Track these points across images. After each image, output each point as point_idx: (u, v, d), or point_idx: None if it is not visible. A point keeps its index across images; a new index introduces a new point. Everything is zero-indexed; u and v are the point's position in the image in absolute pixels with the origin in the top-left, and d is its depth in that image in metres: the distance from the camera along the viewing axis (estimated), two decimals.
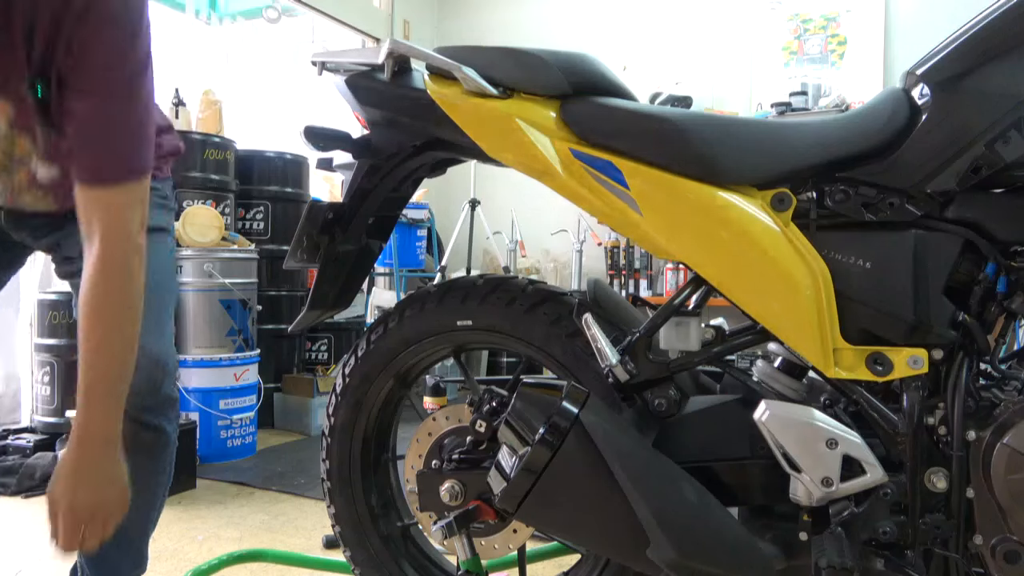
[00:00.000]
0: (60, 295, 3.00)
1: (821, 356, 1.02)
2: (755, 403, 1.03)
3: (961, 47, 0.99)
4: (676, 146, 1.06)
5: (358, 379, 1.37)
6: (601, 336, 1.11)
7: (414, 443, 1.32)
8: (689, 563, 0.95)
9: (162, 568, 1.96)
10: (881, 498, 1.01)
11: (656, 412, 1.13)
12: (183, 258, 3.19)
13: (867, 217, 1.03)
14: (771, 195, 1.05)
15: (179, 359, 3.14)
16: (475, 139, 1.13)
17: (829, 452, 0.99)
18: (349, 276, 1.35)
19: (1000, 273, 1.00)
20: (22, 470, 2.68)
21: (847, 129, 1.05)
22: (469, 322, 1.28)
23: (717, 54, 4.97)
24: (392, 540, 1.43)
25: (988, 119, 0.97)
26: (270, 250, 3.82)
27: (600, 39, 5.24)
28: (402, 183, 1.32)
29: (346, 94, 1.24)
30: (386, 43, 1.16)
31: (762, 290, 1.04)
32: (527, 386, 1.03)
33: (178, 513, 2.43)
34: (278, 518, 2.39)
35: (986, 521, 0.98)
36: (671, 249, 1.08)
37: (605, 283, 1.35)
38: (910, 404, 1.01)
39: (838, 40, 4.67)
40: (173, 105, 3.49)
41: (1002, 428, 0.96)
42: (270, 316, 3.76)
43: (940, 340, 1.00)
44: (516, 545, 1.26)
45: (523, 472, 0.98)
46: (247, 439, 3.22)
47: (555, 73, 1.11)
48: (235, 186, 3.72)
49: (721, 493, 1.06)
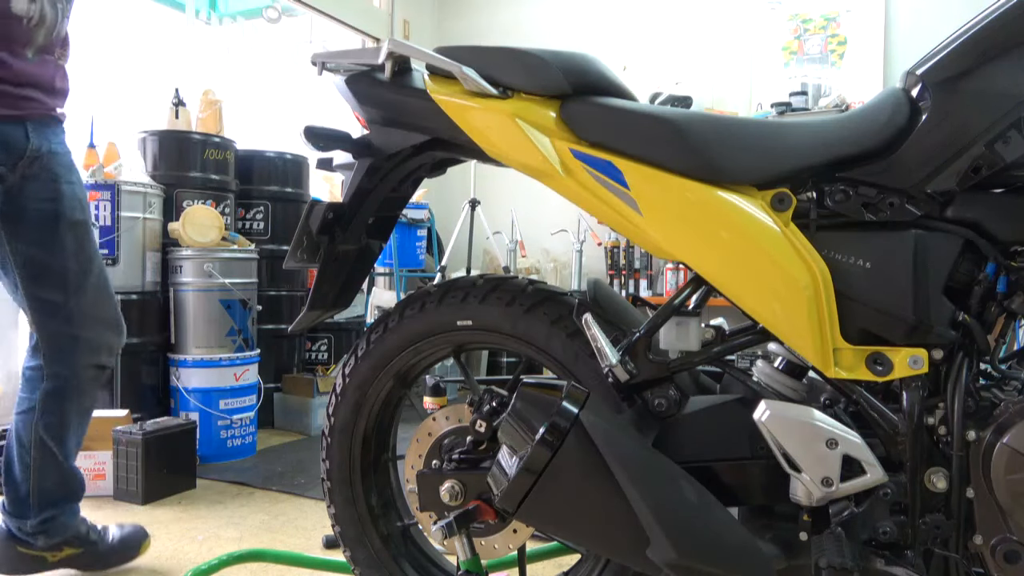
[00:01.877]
0: None
1: (821, 356, 1.02)
2: (755, 403, 1.03)
3: (961, 47, 0.99)
4: (676, 146, 1.06)
5: (358, 379, 1.37)
6: (601, 336, 1.11)
7: (414, 443, 1.32)
8: (689, 563, 0.95)
9: (162, 568, 1.96)
10: (881, 498, 1.01)
11: (656, 412, 1.13)
12: (183, 258, 3.19)
13: (867, 217, 1.04)
14: (771, 195, 1.05)
15: (179, 359, 3.14)
16: (475, 139, 1.14)
17: (829, 452, 0.99)
18: (349, 276, 1.35)
19: (1000, 273, 1.01)
20: None
21: (847, 129, 1.05)
22: (469, 322, 1.28)
23: (717, 54, 4.98)
24: (392, 540, 1.43)
25: (988, 119, 0.97)
26: (270, 250, 3.82)
27: (600, 39, 5.24)
28: (402, 183, 1.32)
29: (346, 94, 1.24)
30: (386, 43, 1.16)
31: (762, 290, 1.04)
32: (527, 386, 1.03)
33: (178, 513, 2.43)
34: (278, 518, 2.39)
35: (986, 521, 0.98)
36: (671, 249, 1.08)
37: (605, 283, 1.35)
38: (910, 404, 1.01)
39: (838, 40, 4.67)
40: (173, 105, 3.49)
41: (1002, 428, 0.96)
42: (270, 316, 3.76)
43: (940, 340, 1.00)
44: (516, 545, 1.26)
45: (523, 472, 0.98)
46: (247, 439, 3.22)
47: (555, 73, 1.11)
48: (235, 186, 3.72)
49: (721, 493, 1.06)
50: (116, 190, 3.06)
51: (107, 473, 2.59)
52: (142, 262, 3.19)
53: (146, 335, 3.13)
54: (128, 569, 1.96)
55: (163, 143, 3.46)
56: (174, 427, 2.69)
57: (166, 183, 3.37)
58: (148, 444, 2.54)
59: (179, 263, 3.20)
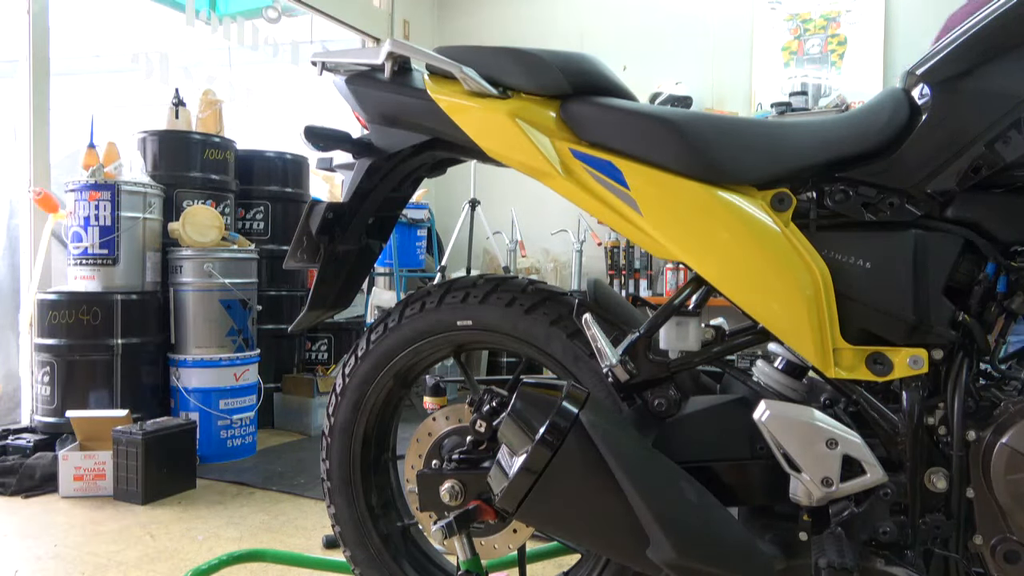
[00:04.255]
0: (60, 295, 3.01)
1: (821, 356, 1.02)
2: (755, 403, 1.03)
3: (961, 47, 0.99)
4: (676, 146, 1.06)
5: (358, 379, 1.37)
6: (601, 336, 1.11)
7: (414, 443, 1.32)
8: (689, 563, 0.94)
9: (162, 568, 1.96)
10: (881, 498, 1.01)
11: (656, 412, 1.13)
12: (183, 258, 3.19)
13: (867, 217, 1.03)
14: (771, 195, 1.05)
15: (179, 359, 3.15)
16: (475, 139, 1.13)
17: (829, 452, 0.99)
18: (349, 276, 1.35)
19: (1000, 273, 1.00)
20: (22, 470, 2.69)
21: (847, 129, 1.05)
22: (469, 322, 1.28)
23: (717, 54, 4.97)
24: (392, 540, 1.43)
25: (988, 119, 0.97)
26: (270, 250, 3.82)
27: (600, 39, 5.24)
28: (402, 183, 1.32)
29: (346, 94, 1.24)
30: (386, 43, 1.16)
31: (762, 290, 1.04)
32: (527, 386, 1.03)
33: (178, 513, 2.43)
34: (278, 518, 2.39)
35: (986, 521, 0.98)
36: (671, 249, 1.08)
37: (605, 283, 1.35)
38: (910, 404, 1.01)
39: (838, 40, 4.67)
40: (173, 105, 3.49)
41: (1002, 428, 0.96)
42: (270, 316, 3.77)
43: (940, 340, 1.00)
44: (516, 545, 1.26)
45: (523, 472, 0.98)
46: (247, 439, 3.22)
47: (555, 73, 1.11)
48: (235, 186, 3.72)
49: (721, 493, 1.06)
50: (116, 190, 3.06)
51: (107, 473, 2.59)
52: (142, 262, 3.19)
53: (146, 335, 3.13)
54: (128, 569, 1.96)
55: (163, 143, 3.46)
56: (174, 427, 2.69)
57: (166, 183, 3.37)
58: (148, 444, 2.54)
59: (179, 263, 3.20)
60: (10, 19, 3.33)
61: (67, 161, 3.74)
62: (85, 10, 4.86)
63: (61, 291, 3.05)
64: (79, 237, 3.07)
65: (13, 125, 3.42)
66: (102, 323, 2.97)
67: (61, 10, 3.67)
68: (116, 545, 2.14)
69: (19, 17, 3.31)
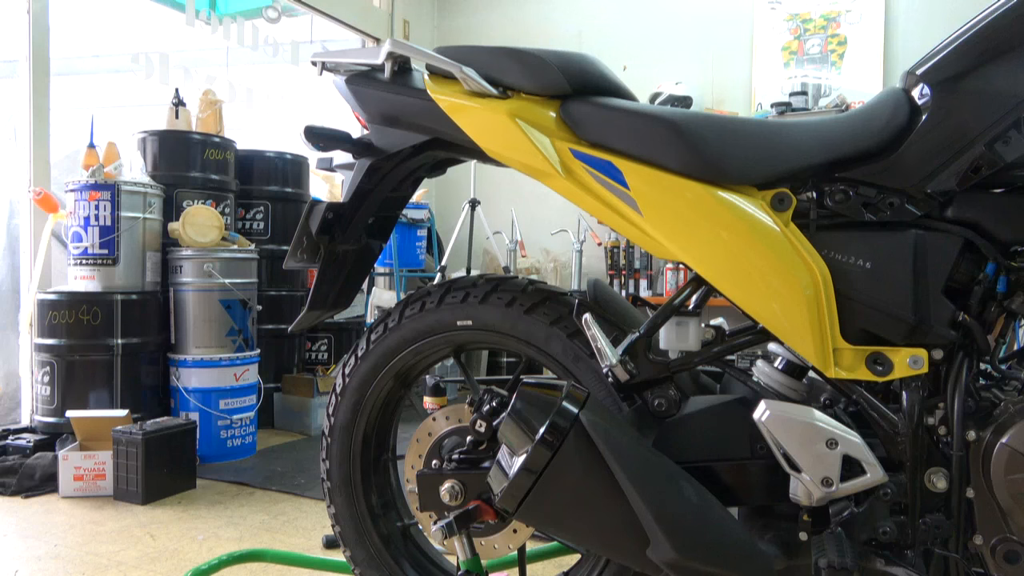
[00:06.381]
0: (60, 295, 3.01)
1: (821, 356, 1.02)
2: (755, 403, 1.03)
3: (961, 47, 0.99)
4: (676, 146, 1.06)
5: (358, 379, 1.37)
6: (601, 336, 1.11)
7: (414, 443, 1.32)
8: (689, 563, 0.95)
9: (162, 568, 1.96)
10: (881, 498, 1.01)
11: (656, 412, 1.13)
12: (183, 258, 3.19)
13: (867, 217, 1.03)
14: (771, 195, 1.05)
15: (179, 359, 3.14)
16: (475, 139, 1.13)
17: (829, 452, 0.99)
18: (349, 276, 1.35)
19: (1000, 273, 1.00)
20: (22, 470, 2.69)
21: (847, 129, 1.05)
22: (469, 322, 1.28)
23: (717, 54, 4.97)
24: (392, 540, 1.43)
25: (988, 119, 0.97)
26: (270, 250, 3.82)
27: (600, 39, 5.24)
28: (402, 183, 1.32)
29: (346, 94, 1.24)
30: (386, 43, 1.16)
31: (762, 290, 1.04)
32: (527, 386, 1.03)
33: (178, 513, 2.43)
34: (278, 518, 2.39)
35: (986, 521, 0.98)
36: (671, 249, 1.08)
37: (605, 283, 1.35)
38: (910, 404, 1.01)
39: (838, 40, 4.67)
40: (173, 105, 3.49)
41: (1002, 428, 0.96)
42: (270, 316, 3.77)
43: (940, 340, 1.00)
44: (516, 545, 1.26)
45: (523, 472, 0.98)
46: (247, 439, 3.22)
47: (555, 73, 1.11)
48: (235, 186, 3.72)
49: (721, 493, 1.06)
50: (116, 190, 3.06)
51: (107, 473, 2.59)
52: (142, 262, 3.19)
53: (146, 335, 3.13)
54: (128, 570, 1.96)
55: (163, 143, 3.46)
56: (174, 427, 2.69)
57: (166, 183, 3.38)
58: (148, 444, 2.54)
59: (179, 263, 3.20)
60: (10, 19, 3.33)
61: (67, 161, 3.74)
62: (85, 10, 4.86)
63: (61, 291, 3.05)
64: (79, 237, 3.07)
65: (13, 125, 3.43)
66: (102, 323, 2.97)
67: (61, 10, 3.67)
68: (116, 545, 2.14)
69: (19, 17, 3.31)
